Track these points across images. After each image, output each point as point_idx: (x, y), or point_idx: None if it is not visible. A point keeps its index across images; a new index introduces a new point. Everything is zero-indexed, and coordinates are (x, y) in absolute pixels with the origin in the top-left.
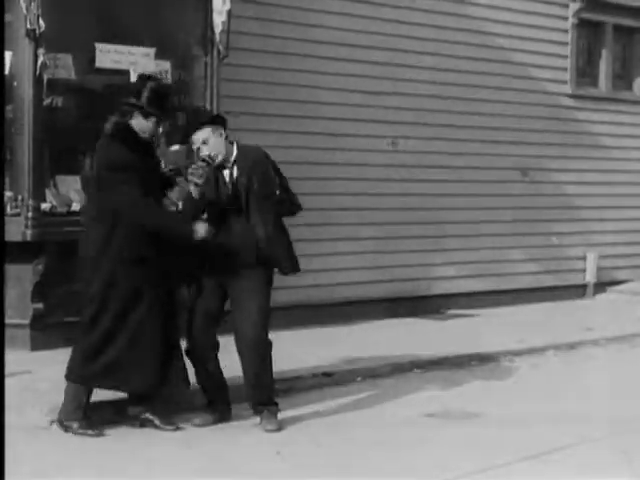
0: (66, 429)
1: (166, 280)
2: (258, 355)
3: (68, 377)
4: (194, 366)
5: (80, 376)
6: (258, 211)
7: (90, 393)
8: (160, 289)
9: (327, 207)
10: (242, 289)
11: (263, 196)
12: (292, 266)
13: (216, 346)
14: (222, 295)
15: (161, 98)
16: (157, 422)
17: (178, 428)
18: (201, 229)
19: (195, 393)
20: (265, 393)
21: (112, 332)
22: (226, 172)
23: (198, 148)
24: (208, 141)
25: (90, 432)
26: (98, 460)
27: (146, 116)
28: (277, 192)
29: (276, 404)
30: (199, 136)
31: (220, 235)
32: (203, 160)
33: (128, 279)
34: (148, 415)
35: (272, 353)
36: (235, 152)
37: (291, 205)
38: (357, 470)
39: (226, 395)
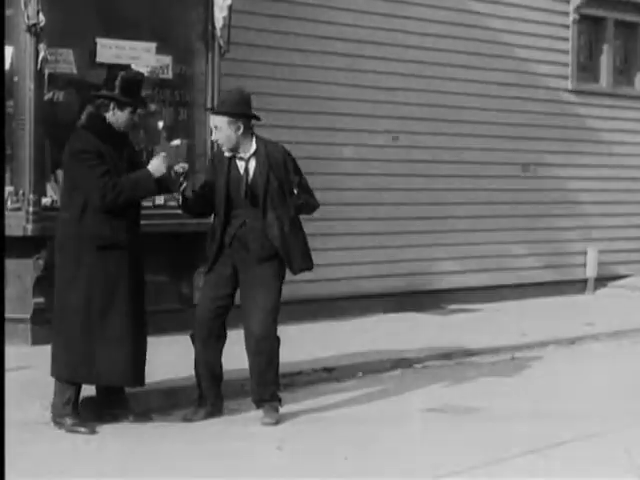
0: (59, 426)
1: (139, 269)
2: (265, 351)
3: (54, 374)
4: (195, 353)
5: (63, 373)
6: (275, 209)
7: (79, 388)
8: (133, 279)
9: (330, 202)
10: (253, 282)
11: (281, 194)
12: (303, 265)
13: (222, 337)
14: (233, 285)
15: (134, 87)
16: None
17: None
18: (156, 165)
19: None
20: (269, 390)
21: (87, 324)
22: (241, 164)
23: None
24: (221, 129)
25: (82, 429)
26: (98, 457)
27: (121, 107)
28: (295, 191)
29: (279, 399)
30: (214, 120)
31: (233, 226)
32: (176, 173)
33: (100, 267)
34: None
35: (279, 350)
36: (254, 147)
37: (308, 204)
38: (358, 465)
39: (219, 389)
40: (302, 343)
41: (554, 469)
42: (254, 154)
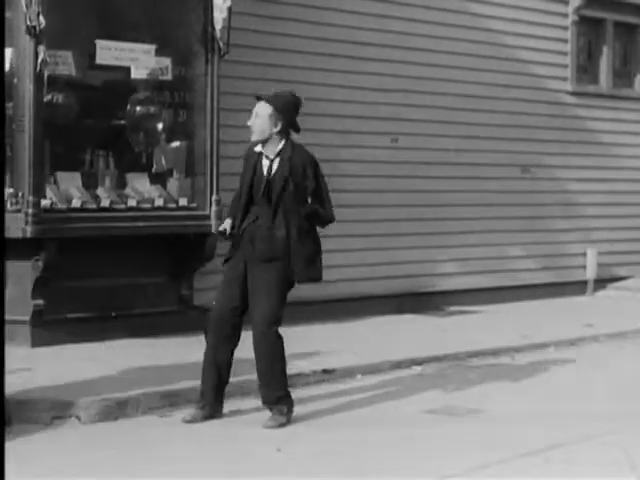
0: None
1: None
2: (266, 350)
3: None
4: (205, 349)
5: None
6: (285, 212)
7: None
8: None
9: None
10: (259, 283)
11: (296, 200)
12: (304, 274)
13: (234, 338)
14: (245, 287)
15: None
16: None
17: None
18: None
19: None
20: (273, 394)
21: None
22: (266, 162)
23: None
24: (260, 117)
25: None
26: (95, 458)
27: None
28: (308, 200)
29: (287, 404)
30: (258, 107)
31: (247, 220)
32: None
33: None
34: None
35: (283, 353)
36: (281, 146)
37: (318, 215)
38: (357, 467)
39: (222, 391)
40: (301, 345)
41: (554, 471)
42: (279, 155)
